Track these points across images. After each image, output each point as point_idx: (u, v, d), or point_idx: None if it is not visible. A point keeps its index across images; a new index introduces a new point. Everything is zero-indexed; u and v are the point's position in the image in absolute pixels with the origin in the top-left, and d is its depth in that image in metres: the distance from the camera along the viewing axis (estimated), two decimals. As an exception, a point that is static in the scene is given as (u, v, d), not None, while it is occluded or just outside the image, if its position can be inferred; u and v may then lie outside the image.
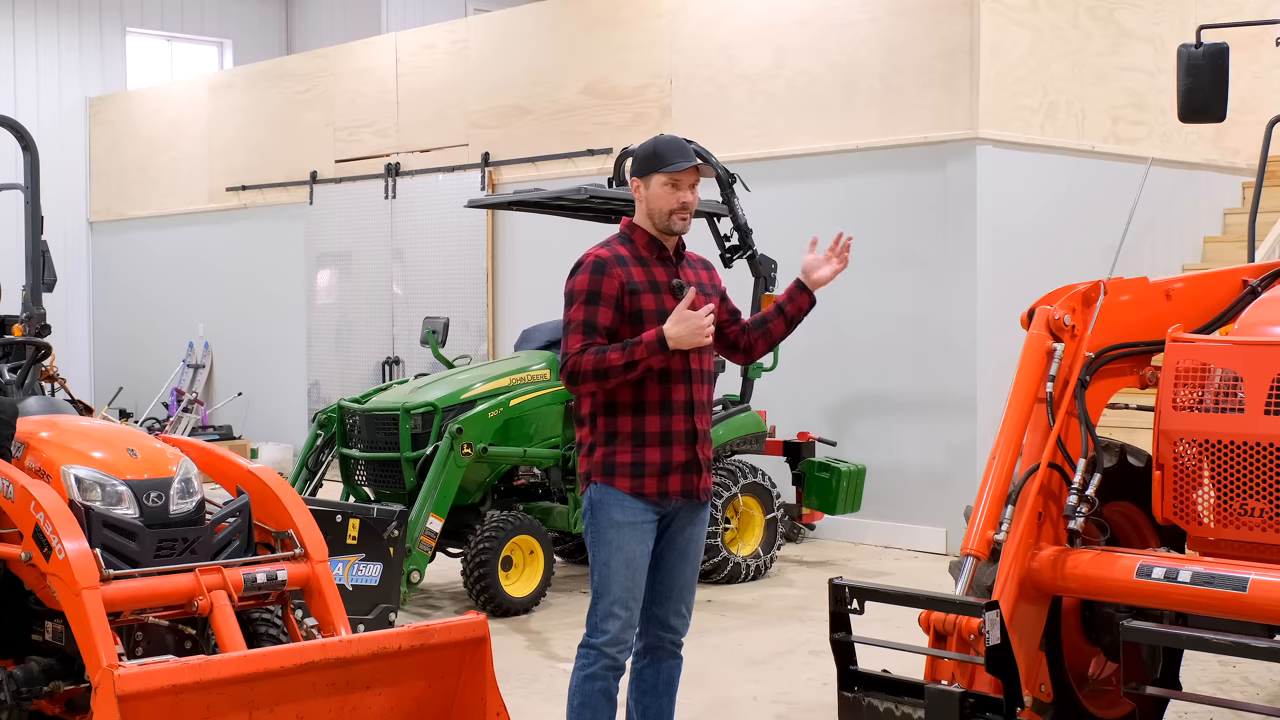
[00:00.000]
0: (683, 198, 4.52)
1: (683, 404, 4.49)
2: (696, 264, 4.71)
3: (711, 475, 4.66)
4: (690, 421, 4.50)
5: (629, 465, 4.47)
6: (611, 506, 4.48)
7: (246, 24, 18.84)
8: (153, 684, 4.06)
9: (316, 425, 8.48)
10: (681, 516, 4.58)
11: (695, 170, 4.55)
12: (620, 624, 4.46)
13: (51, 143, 15.86)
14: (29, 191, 7.23)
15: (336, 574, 5.63)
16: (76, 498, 4.77)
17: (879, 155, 10.10)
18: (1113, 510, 4.71)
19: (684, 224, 4.56)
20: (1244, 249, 8.30)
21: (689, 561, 4.66)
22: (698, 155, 9.06)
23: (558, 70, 12.25)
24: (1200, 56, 6.20)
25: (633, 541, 4.47)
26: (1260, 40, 9.67)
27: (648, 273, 4.51)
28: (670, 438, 4.48)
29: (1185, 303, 4.90)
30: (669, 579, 4.61)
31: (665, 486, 4.48)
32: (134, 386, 16.37)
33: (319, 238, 14.69)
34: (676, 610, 4.64)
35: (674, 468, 4.49)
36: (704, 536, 4.72)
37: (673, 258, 4.59)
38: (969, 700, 3.80)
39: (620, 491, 4.46)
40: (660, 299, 4.47)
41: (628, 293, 4.45)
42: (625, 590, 4.46)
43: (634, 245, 4.56)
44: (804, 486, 9.34)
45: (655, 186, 4.53)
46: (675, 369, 4.47)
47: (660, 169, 4.51)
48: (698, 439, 4.53)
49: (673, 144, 4.59)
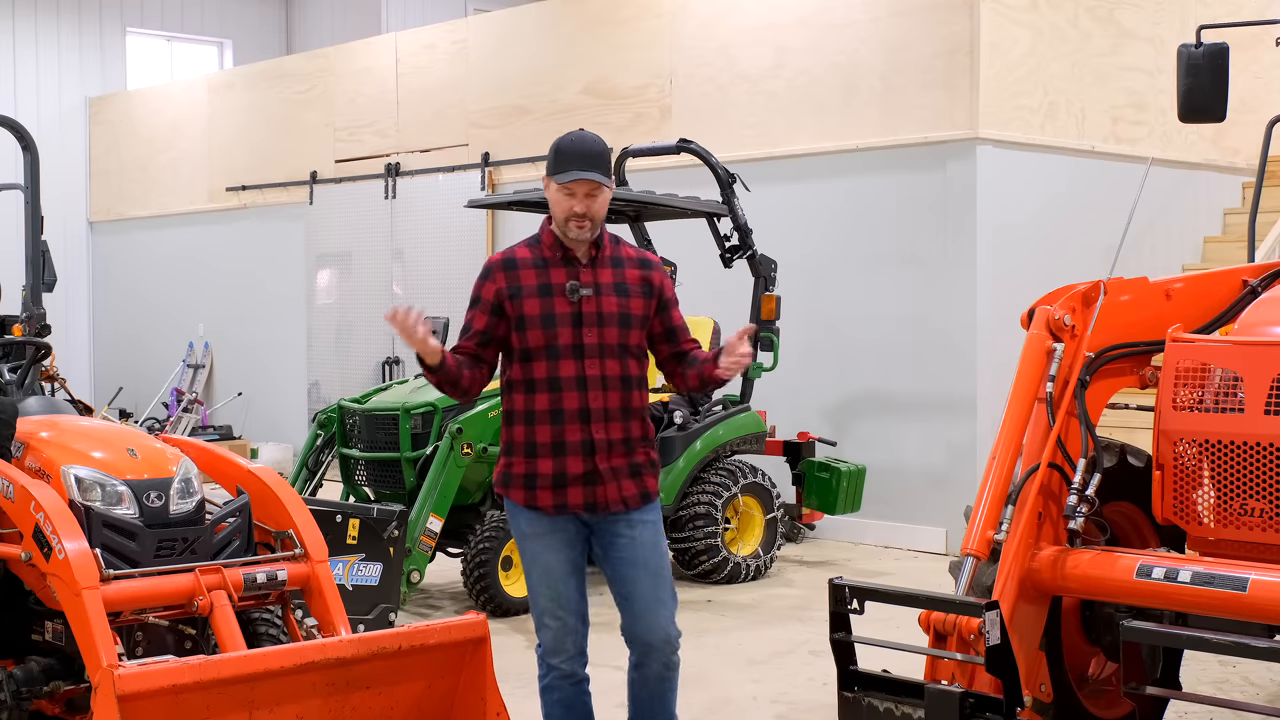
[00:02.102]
0: (575, 207, 4.26)
1: (575, 413, 4.26)
2: (630, 263, 4.43)
3: (643, 479, 4.36)
4: (586, 431, 4.26)
5: (522, 477, 4.32)
6: (519, 518, 4.36)
7: (246, 24, 18.84)
8: (153, 684, 4.06)
9: (316, 425, 8.48)
10: (610, 525, 4.34)
11: (592, 182, 4.25)
12: (552, 634, 4.32)
13: (51, 143, 15.86)
14: (29, 191, 7.23)
15: (336, 574, 5.63)
16: (76, 498, 4.77)
17: (879, 155, 10.10)
18: (1113, 510, 4.71)
19: (580, 232, 4.28)
20: (1244, 249, 8.30)
21: (643, 568, 4.34)
22: (697, 155, 9.19)
23: (558, 70, 12.25)
24: (1200, 56, 6.20)
25: (546, 552, 4.31)
26: (1260, 40, 9.67)
27: (544, 275, 4.30)
28: (564, 448, 4.27)
29: (1185, 303, 4.90)
30: (627, 591, 4.36)
31: (562, 499, 4.28)
32: (134, 386, 16.37)
33: (319, 238, 14.69)
34: (649, 625, 4.34)
35: (570, 480, 4.27)
36: (655, 540, 4.39)
37: (580, 259, 4.33)
38: (969, 700, 3.80)
39: (517, 503, 4.34)
40: (550, 302, 4.27)
41: (507, 298, 4.28)
42: (550, 600, 4.30)
43: (539, 246, 4.36)
44: (804, 486, 9.35)
45: (553, 191, 4.31)
46: (564, 375, 4.27)
47: (552, 176, 4.30)
48: (596, 449, 4.27)
49: (573, 148, 4.29)
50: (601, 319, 4.31)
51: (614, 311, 4.32)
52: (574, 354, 4.27)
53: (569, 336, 4.27)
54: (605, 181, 4.25)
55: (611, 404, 4.30)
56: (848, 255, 10.26)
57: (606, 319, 4.31)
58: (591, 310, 4.30)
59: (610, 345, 4.31)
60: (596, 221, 4.29)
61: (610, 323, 4.32)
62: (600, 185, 4.24)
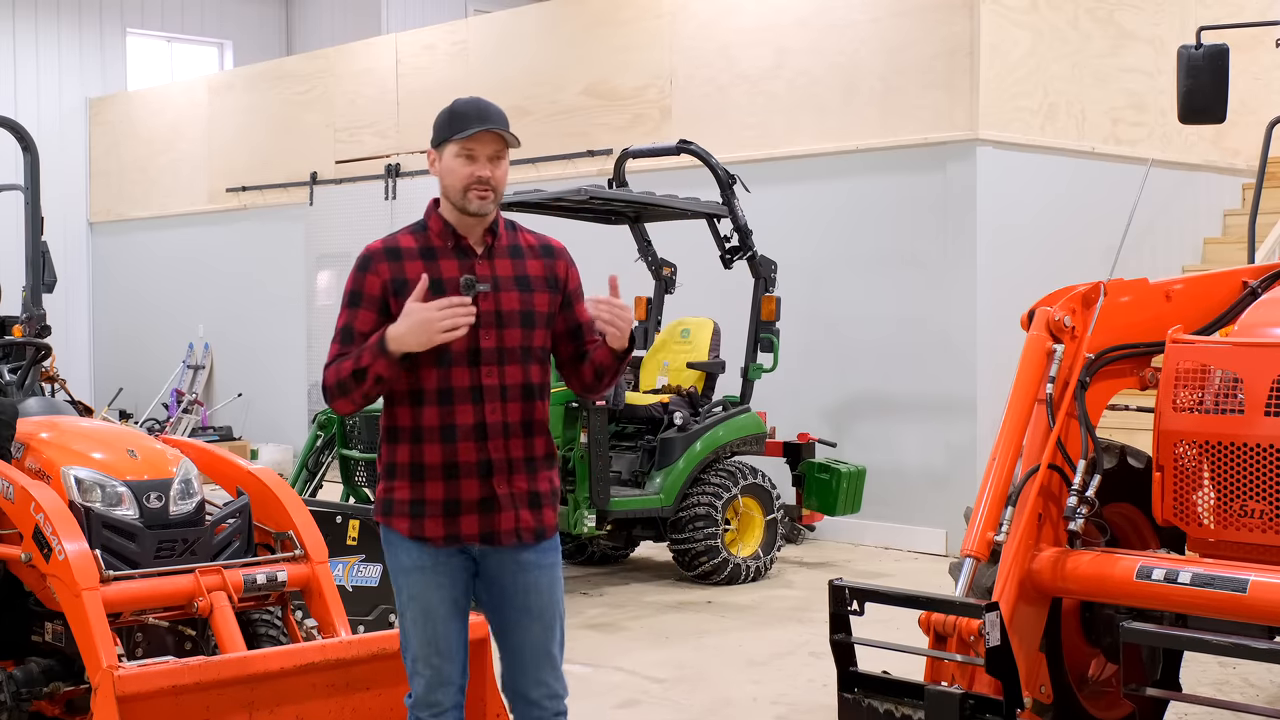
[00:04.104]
0: (478, 171, 3.69)
1: (471, 429, 3.66)
2: (530, 252, 3.83)
3: (542, 511, 3.76)
4: (483, 450, 3.66)
5: (407, 504, 3.69)
6: (397, 550, 3.73)
7: (247, 25, 18.84)
8: (152, 685, 4.07)
9: (316, 426, 8.49)
10: (504, 560, 3.74)
11: (497, 137, 3.71)
12: (425, 683, 3.72)
13: (52, 143, 15.85)
14: (29, 192, 7.24)
15: (336, 575, 5.62)
16: (76, 499, 4.77)
17: (879, 156, 10.10)
18: (1113, 511, 4.71)
19: (483, 203, 3.70)
20: (1244, 250, 8.30)
21: (537, 619, 3.76)
22: (697, 156, 9.20)
23: (558, 71, 12.25)
24: (1200, 58, 6.20)
25: (427, 590, 3.70)
26: (1260, 41, 9.66)
27: (433, 268, 3.68)
28: (456, 470, 3.66)
29: (1185, 304, 4.90)
30: (515, 641, 3.78)
31: (454, 529, 3.68)
32: (134, 387, 16.36)
33: (319, 238, 14.69)
34: (536, 679, 3.77)
35: (464, 506, 3.67)
36: (552, 587, 3.79)
37: (474, 248, 3.75)
38: (969, 701, 3.80)
39: (400, 534, 3.72)
40: (442, 298, 3.61)
41: (392, 293, 3.66)
42: (425, 645, 3.71)
43: (426, 234, 3.76)
44: (804, 488, 9.35)
45: (448, 158, 3.72)
46: (456, 386, 3.66)
47: (451, 137, 3.71)
48: (494, 470, 3.68)
49: (471, 106, 3.76)
50: (501, 319, 3.71)
51: (515, 309, 3.73)
52: (468, 360, 3.65)
53: (463, 340, 3.62)
54: (511, 140, 3.73)
55: (511, 417, 3.71)
56: (848, 256, 10.26)
57: (507, 318, 3.72)
58: (489, 309, 3.69)
59: (511, 349, 3.71)
60: (499, 192, 3.74)
61: (511, 322, 3.72)
62: (505, 146, 3.72)
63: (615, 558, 9.38)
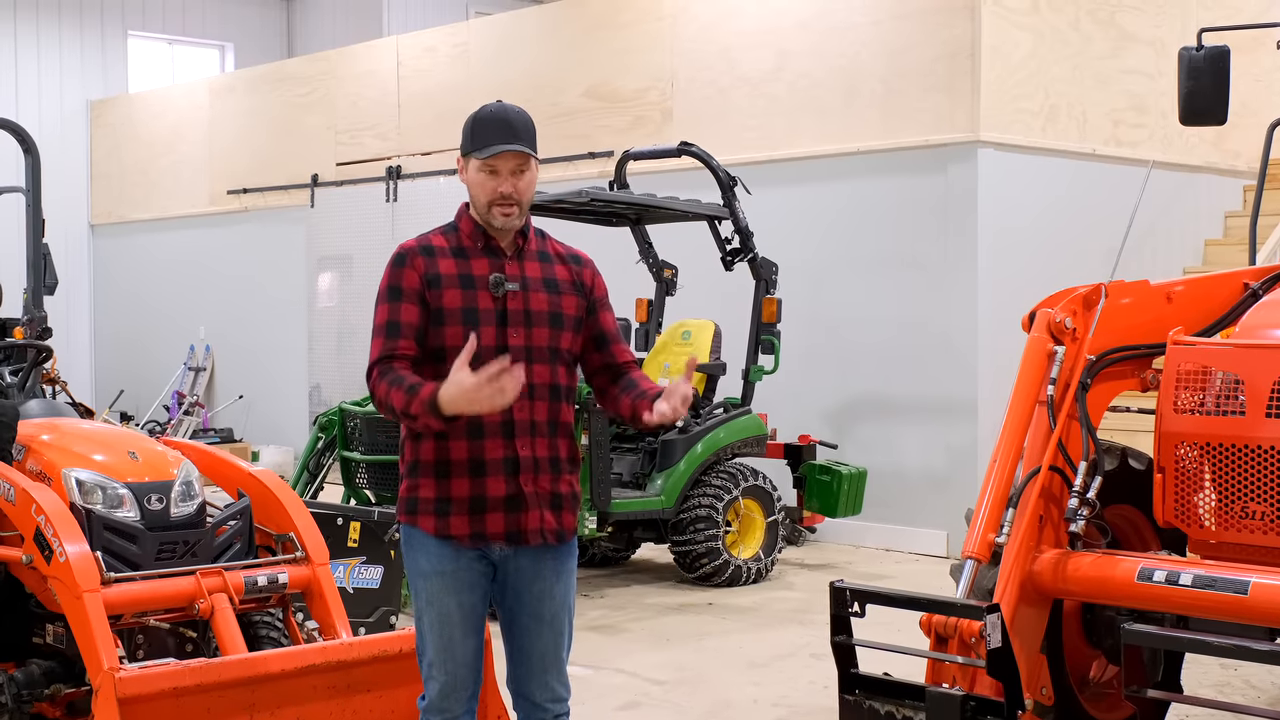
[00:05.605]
0: (501, 187, 3.69)
1: (498, 426, 3.64)
2: (558, 259, 3.84)
3: (562, 514, 3.78)
4: (510, 447, 3.67)
5: (433, 501, 3.69)
6: (417, 552, 3.73)
7: (248, 27, 18.85)
8: (153, 687, 4.07)
9: (317, 428, 8.49)
10: (523, 565, 3.74)
11: (520, 155, 3.70)
12: (439, 688, 3.71)
13: (53, 146, 15.85)
14: (30, 194, 7.24)
15: (337, 577, 5.63)
16: (77, 500, 4.78)
17: (880, 158, 10.10)
18: (1114, 513, 4.70)
19: (506, 219, 3.71)
20: (1245, 252, 8.29)
21: (549, 626, 3.78)
22: (698, 158, 9.20)
23: (559, 73, 12.26)
24: (1201, 59, 6.20)
25: (445, 594, 3.69)
26: (1261, 43, 9.67)
27: (464, 265, 3.72)
28: (483, 467, 3.66)
29: (1186, 306, 4.90)
30: (526, 645, 3.79)
31: (480, 527, 3.67)
32: (135, 389, 16.37)
33: (320, 241, 14.69)
34: (543, 684, 3.80)
35: (491, 504, 3.67)
36: (567, 592, 3.82)
37: (505, 250, 3.76)
38: (970, 703, 3.79)
39: (425, 534, 3.70)
40: (473, 295, 3.68)
41: (427, 287, 3.69)
42: (441, 651, 3.69)
43: (457, 234, 3.79)
44: (805, 489, 9.35)
45: (473, 171, 3.75)
46: None
47: (473, 152, 3.74)
48: (521, 468, 3.68)
49: (494, 120, 3.75)
50: (529, 318, 3.72)
51: (544, 310, 3.75)
52: (497, 357, 3.56)
53: (492, 336, 3.66)
54: (533, 154, 3.72)
55: (539, 416, 3.72)
56: (849, 258, 10.26)
57: (535, 318, 3.73)
58: (518, 308, 3.72)
59: (539, 348, 3.72)
60: (524, 205, 3.73)
61: (540, 322, 3.74)
62: (528, 159, 3.70)
63: (616, 560, 9.38)
